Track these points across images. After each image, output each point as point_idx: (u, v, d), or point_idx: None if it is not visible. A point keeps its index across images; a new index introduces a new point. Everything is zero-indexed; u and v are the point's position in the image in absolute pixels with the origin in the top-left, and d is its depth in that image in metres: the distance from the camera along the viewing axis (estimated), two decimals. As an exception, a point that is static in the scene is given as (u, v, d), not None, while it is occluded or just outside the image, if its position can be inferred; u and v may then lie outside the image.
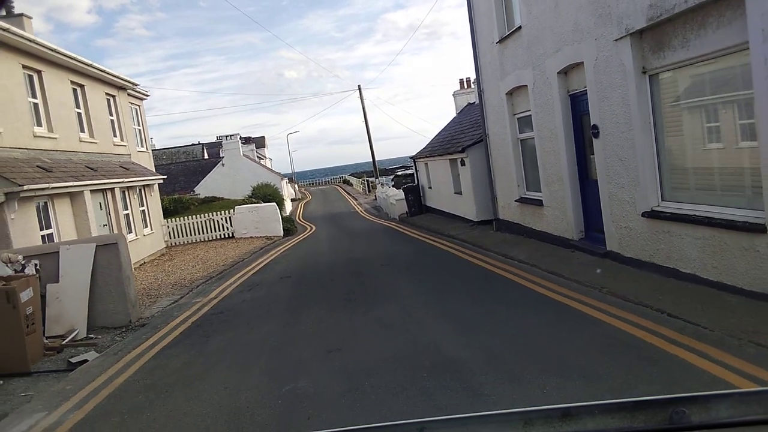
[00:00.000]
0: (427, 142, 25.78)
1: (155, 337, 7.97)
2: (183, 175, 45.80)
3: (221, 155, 50.86)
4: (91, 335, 8.49)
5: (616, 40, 7.75)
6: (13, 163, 12.24)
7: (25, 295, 7.18)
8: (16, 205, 11.35)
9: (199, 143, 66.99)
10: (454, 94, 27.40)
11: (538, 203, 11.62)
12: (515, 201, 12.91)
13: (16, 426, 5.18)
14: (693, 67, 6.76)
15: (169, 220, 22.71)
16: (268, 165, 62.20)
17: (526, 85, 11.29)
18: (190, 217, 22.96)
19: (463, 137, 17.95)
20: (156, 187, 21.65)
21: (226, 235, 22.77)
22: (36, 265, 8.60)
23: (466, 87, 27.05)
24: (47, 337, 8.19)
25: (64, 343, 8.07)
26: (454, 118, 25.61)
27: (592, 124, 8.84)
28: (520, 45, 11.32)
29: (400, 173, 55.36)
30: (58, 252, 8.86)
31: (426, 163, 22.78)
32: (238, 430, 4.47)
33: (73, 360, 7.22)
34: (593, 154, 9.20)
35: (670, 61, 6.99)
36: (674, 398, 1.05)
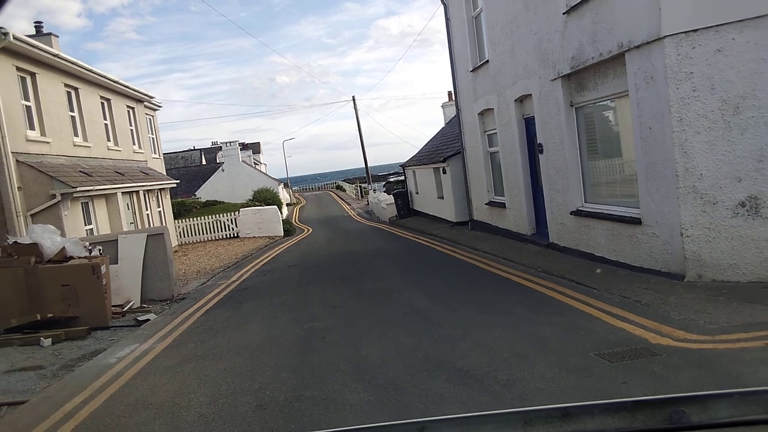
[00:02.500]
0: (417, 151, 28.25)
1: (197, 304, 10.33)
2: (184, 179, 47.91)
3: (218, 161, 53.24)
4: (144, 305, 10.82)
5: (552, 80, 10.22)
6: (62, 169, 14.55)
7: (103, 270, 9.52)
8: (68, 203, 13.68)
9: (194, 148, 69.31)
10: (443, 106, 29.89)
11: (503, 206, 14.07)
12: (485, 204, 15.36)
13: (118, 352, 7.53)
14: (602, 103, 9.23)
15: (180, 220, 24.99)
16: (264, 170, 64.57)
17: (493, 108, 13.77)
18: (199, 218, 25.26)
19: (446, 149, 20.40)
20: (169, 190, 23.97)
21: (232, 235, 25.08)
22: (99, 249, 10.91)
23: (452, 99, 29.56)
24: (111, 306, 10.50)
25: (125, 309, 10.39)
26: (442, 128, 28.06)
27: (538, 142, 11.30)
28: (487, 75, 13.80)
29: (392, 179, 57.60)
30: (116, 240, 11.20)
31: (414, 171, 25.23)
32: (278, 346, 6.86)
33: (139, 318, 9.57)
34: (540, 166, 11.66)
35: (588, 98, 9.47)
36: (674, 398, 1.06)
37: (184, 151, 66.31)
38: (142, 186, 19.29)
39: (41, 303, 9.21)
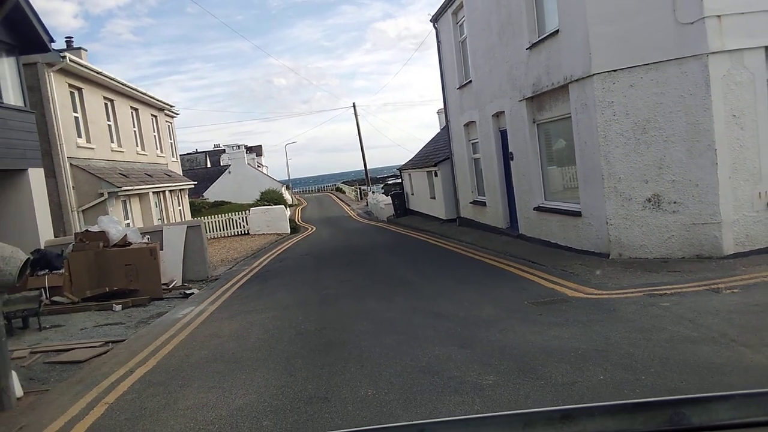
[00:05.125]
0: (412, 155, 30.67)
1: (230, 283, 12.71)
2: (192, 181, 50.29)
3: (222, 163, 55.62)
4: (186, 284, 13.18)
5: (519, 100, 12.62)
6: (105, 171, 16.93)
7: (158, 252, 11.90)
8: (113, 201, 16.07)
9: (197, 151, 71.81)
10: (438, 112, 32.29)
11: (483, 204, 16.47)
12: (470, 203, 17.76)
13: (181, 312, 9.90)
14: (556, 122, 11.63)
15: (196, 218, 27.33)
16: (266, 172, 66.97)
17: (475, 121, 16.17)
18: (214, 216, 27.65)
19: (438, 154, 22.81)
20: (187, 191, 26.36)
21: (243, 232, 27.47)
22: (148, 238, 13.28)
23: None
24: (160, 283, 12.86)
25: (171, 286, 12.76)
26: (435, 135, 30.43)
27: (510, 151, 13.70)
28: (471, 92, 16.22)
29: (390, 182, 59.90)
30: (161, 231, 13.58)
31: (409, 174, 27.65)
32: (304, 304, 9.26)
33: (186, 292, 11.95)
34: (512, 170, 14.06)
35: (546, 117, 11.88)
36: (674, 400, 1.07)
37: (189, 153, 68.65)
38: (168, 186, 21.68)
39: (109, 278, 11.59)
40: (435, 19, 18.51)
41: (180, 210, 24.36)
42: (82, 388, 5.97)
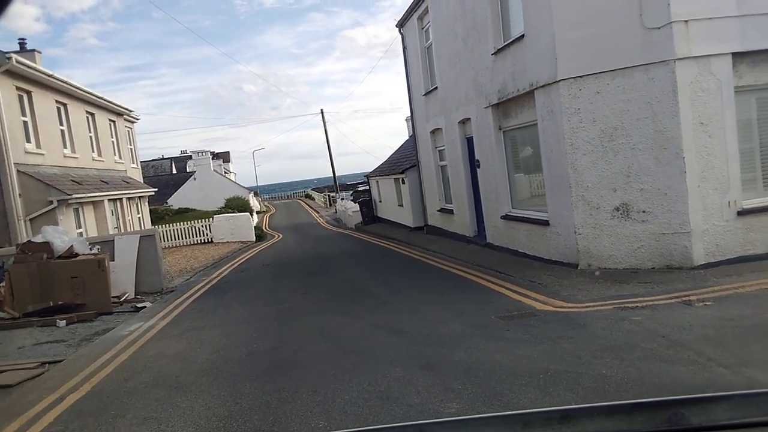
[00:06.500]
0: (382, 161, 30.28)
1: (186, 295, 12.09)
2: (155, 188, 49.02)
3: (189, 170, 54.41)
4: (138, 296, 12.50)
5: (485, 107, 12.34)
6: (56, 178, 16.09)
7: (106, 264, 11.22)
8: (64, 209, 15.25)
9: (163, 157, 70.29)
10: (406, 119, 32.00)
11: (451, 212, 16.16)
12: (437, 211, 17.44)
13: (129, 328, 9.27)
14: (522, 129, 11.37)
15: (157, 226, 26.43)
16: (233, 179, 65.88)
17: (441, 128, 15.87)
18: (176, 224, 26.79)
19: (405, 161, 22.46)
20: (147, 198, 25.47)
21: (206, 240, 26.65)
22: (98, 248, 12.57)
23: (413, 116, 31.76)
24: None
25: (122, 299, 12.07)
26: (404, 142, 30.16)
27: (476, 158, 13.41)
28: (437, 99, 15.92)
29: (361, 188, 59.41)
30: (113, 240, 12.88)
31: (377, 181, 27.26)
32: (260, 319, 8.73)
33: (138, 305, 11.29)
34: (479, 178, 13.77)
35: (512, 124, 11.61)
36: (673, 400, 1.08)
37: (154, 159, 67.14)
38: (125, 194, 20.83)
39: (53, 292, 10.86)
40: (401, 25, 18.20)
41: (139, 218, 23.48)
42: (3, 420, 5.36)
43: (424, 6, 15.79)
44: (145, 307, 11.29)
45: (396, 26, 18.43)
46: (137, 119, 27.27)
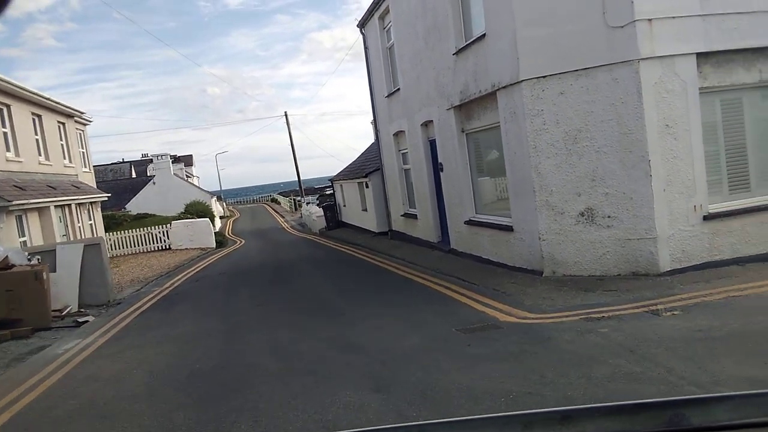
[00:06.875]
0: (346, 165, 29.77)
1: (133, 308, 11.38)
2: (114, 192, 47.19)
3: (149, 174, 52.92)
4: (82, 309, 11.73)
5: (447, 109, 11.99)
6: (-3, 183, 15.13)
7: (44, 276, 10.45)
8: (4, 217, 14.33)
9: (123, 161, 68.34)
10: (372, 122, 31.56)
11: (415, 217, 15.77)
12: (401, 215, 17.03)
13: (64, 346, 8.57)
14: (485, 131, 11.04)
15: (112, 233, 25.40)
16: (196, 183, 64.44)
17: (404, 131, 15.48)
18: (131, 230, 25.77)
19: (369, 164, 22.02)
20: (99, 203, 24.43)
21: (164, 247, 25.69)
22: (38, 258, 11.76)
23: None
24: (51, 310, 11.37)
25: (64, 313, 11.30)
26: (371, 144, 29.68)
27: (439, 162, 13.04)
28: (399, 101, 15.52)
29: (327, 192, 58.75)
30: (54, 250, 12.07)
31: (341, 185, 26.75)
32: (208, 335, 8.15)
33: (79, 320, 10.55)
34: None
35: (475, 126, 11.27)
36: (673, 401, 1.08)
37: (113, 163, 65.27)
38: (75, 199, 19.85)
39: (-15, 307, 10.04)
40: (362, 25, 17.76)
41: (91, 225, 22.47)
42: None
43: (385, 5, 15.39)
44: (87, 321, 10.56)
45: (357, 26, 17.99)
46: (89, 121, 26.18)
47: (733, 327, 5.75)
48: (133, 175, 60.62)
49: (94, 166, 60.05)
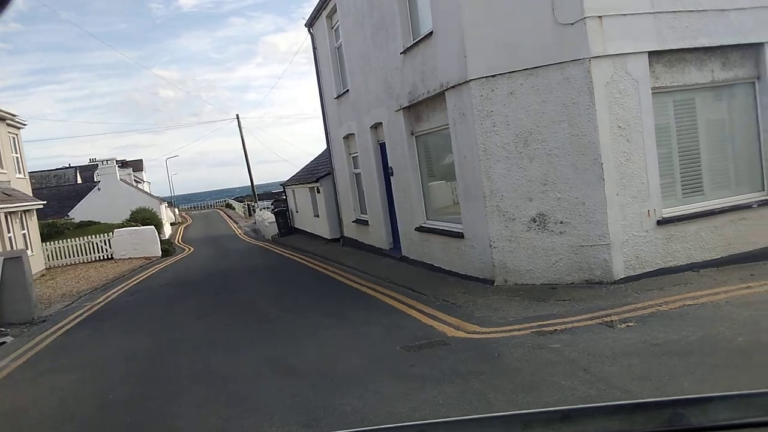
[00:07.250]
0: (298, 170, 29.04)
1: (59, 325, 10.47)
2: (56, 199, 45.22)
3: (96, 179, 50.87)
4: (2, 328, 10.75)
5: (396, 110, 11.51)
6: None
7: (-45, 294, 9.49)
8: None
9: (70, 166, 65.56)
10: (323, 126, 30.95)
11: (366, 223, 15.24)
12: (353, 222, 16.48)
13: (-30, 373, 7.69)
14: (434, 133, 10.61)
15: (47, 243, 23.97)
16: (147, 189, 62.37)
17: (354, 133, 14.95)
18: (68, 240, 24.39)
19: (321, 169, 21.38)
20: (35, 212, 23.03)
21: (106, 257, 24.41)
22: (-48, 274, 10.74)
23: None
24: (-35, 330, 10.37)
25: (-20, 334, 10.31)
26: (325, 148, 29.05)
27: (389, 166, 12.56)
28: (349, 103, 14.99)
29: (283, 197, 57.68)
30: (-30, 264, 11.04)
31: (293, 190, 26.02)
32: (132, 357, 7.41)
33: (-5, 341, 9.60)
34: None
35: (424, 128, 10.83)
36: (673, 400, 1.08)
37: (57, 169, 62.48)
38: (3, 208, 18.57)
39: None
40: (310, 24, 17.16)
41: (24, 234, 21.12)
42: None
43: (333, 3, 14.84)
44: (5, 342, 9.63)
45: (305, 26, 17.38)
46: (24, 124, 24.70)
47: (690, 340, 5.42)
48: (79, 180, 58.17)
49: (35, 172, 57.24)
